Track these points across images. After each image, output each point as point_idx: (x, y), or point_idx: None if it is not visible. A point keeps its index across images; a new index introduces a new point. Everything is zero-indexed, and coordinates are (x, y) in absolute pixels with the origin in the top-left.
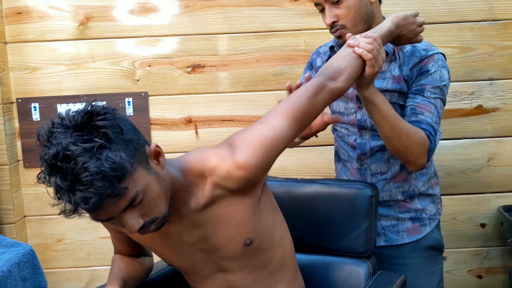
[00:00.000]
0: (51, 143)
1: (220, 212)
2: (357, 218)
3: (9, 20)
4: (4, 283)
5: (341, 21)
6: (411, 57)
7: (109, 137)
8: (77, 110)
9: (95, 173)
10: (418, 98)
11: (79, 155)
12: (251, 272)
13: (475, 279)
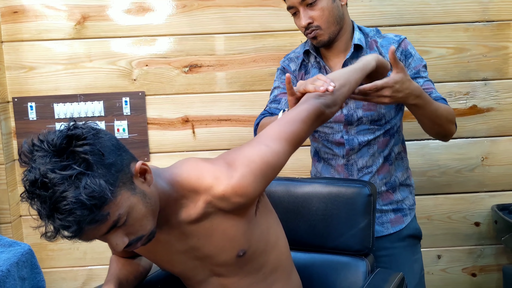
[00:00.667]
0: (31, 167)
1: (212, 227)
2: (356, 217)
3: (5, 19)
4: (3, 282)
5: (316, 22)
6: (389, 44)
7: (89, 162)
8: (58, 132)
9: (73, 202)
10: (420, 81)
11: (57, 184)
12: (246, 276)
13: (469, 277)
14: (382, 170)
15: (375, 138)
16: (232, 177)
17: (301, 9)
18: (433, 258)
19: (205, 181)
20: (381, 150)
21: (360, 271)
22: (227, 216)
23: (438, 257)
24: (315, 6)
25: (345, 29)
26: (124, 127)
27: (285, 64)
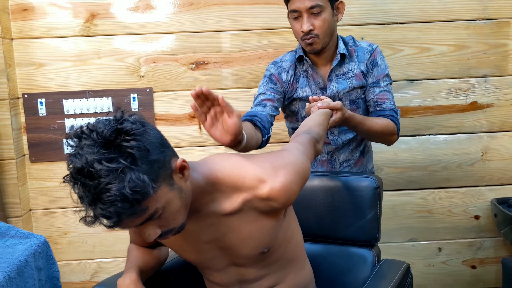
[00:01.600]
0: (78, 153)
1: (241, 224)
2: (363, 209)
3: (15, 17)
4: (22, 272)
5: (316, 31)
6: (363, 54)
7: (134, 157)
8: (107, 123)
9: (116, 195)
10: (376, 90)
11: (103, 175)
12: (264, 268)
13: (469, 269)
14: (359, 162)
15: (354, 136)
16: (279, 181)
17: (305, 15)
18: (434, 250)
19: (249, 181)
20: (358, 145)
21: (367, 260)
22: (258, 216)
23: (439, 249)
24: (319, 16)
25: (333, 41)
26: None
27: (276, 71)
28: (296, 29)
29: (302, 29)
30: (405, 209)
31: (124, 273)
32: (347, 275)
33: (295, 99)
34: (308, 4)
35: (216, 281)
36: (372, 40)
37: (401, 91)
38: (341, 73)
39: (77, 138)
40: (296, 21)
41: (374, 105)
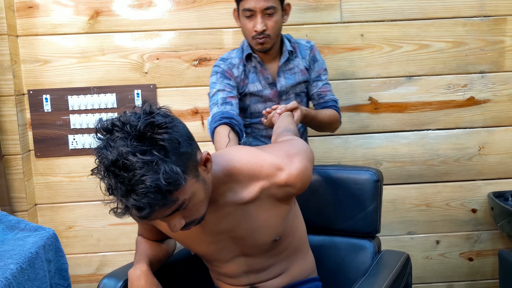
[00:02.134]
0: (110, 146)
1: (257, 212)
2: (364, 201)
3: (20, 14)
4: (33, 264)
5: (268, 31)
6: (304, 50)
7: (166, 150)
8: (138, 116)
9: (151, 186)
10: (319, 84)
11: (138, 167)
12: (272, 257)
13: (466, 262)
14: None
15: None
16: (295, 168)
17: (259, 16)
18: (432, 243)
19: (267, 169)
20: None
21: (368, 251)
22: (274, 203)
23: (437, 242)
24: (272, 17)
25: (279, 40)
26: None
27: (228, 67)
28: (247, 28)
29: (255, 28)
30: (404, 202)
31: (135, 264)
32: (349, 265)
33: (246, 94)
34: (264, 5)
35: (224, 272)
36: (372, 37)
37: (400, 87)
38: (288, 69)
39: (108, 131)
40: (248, 19)
41: (318, 98)
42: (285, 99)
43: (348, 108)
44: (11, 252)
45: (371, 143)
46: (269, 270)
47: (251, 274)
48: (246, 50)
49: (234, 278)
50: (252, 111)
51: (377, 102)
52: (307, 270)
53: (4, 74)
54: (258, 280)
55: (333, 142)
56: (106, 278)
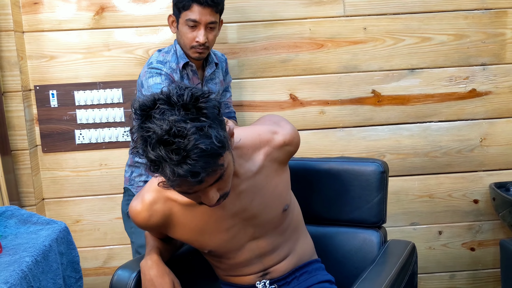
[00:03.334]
0: (156, 118)
1: (267, 180)
2: (370, 192)
3: (25, 10)
4: (47, 256)
5: (208, 43)
6: (221, 62)
7: (210, 117)
8: (179, 90)
9: (207, 149)
10: (227, 94)
11: (192, 133)
12: (280, 235)
13: (468, 252)
14: None
15: None
16: (286, 128)
17: (202, 28)
18: (435, 234)
19: (265, 135)
20: None
21: (374, 241)
22: (278, 169)
23: (439, 233)
24: (213, 31)
25: None
26: None
27: (169, 72)
28: (188, 37)
29: (198, 39)
30: (407, 194)
31: (146, 256)
32: (356, 255)
33: None
34: (209, 19)
35: (237, 263)
36: (374, 31)
37: (402, 80)
38: (211, 79)
39: (150, 107)
40: (191, 29)
41: (224, 107)
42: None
43: (351, 101)
44: (25, 245)
45: (374, 135)
46: (277, 251)
47: (263, 258)
48: (182, 57)
49: (247, 266)
50: None
51: (380, 95)
52: (309, 252)
53: (11, 70)
54: (269, 264)
55: (336, 135)
56: (120, 270)
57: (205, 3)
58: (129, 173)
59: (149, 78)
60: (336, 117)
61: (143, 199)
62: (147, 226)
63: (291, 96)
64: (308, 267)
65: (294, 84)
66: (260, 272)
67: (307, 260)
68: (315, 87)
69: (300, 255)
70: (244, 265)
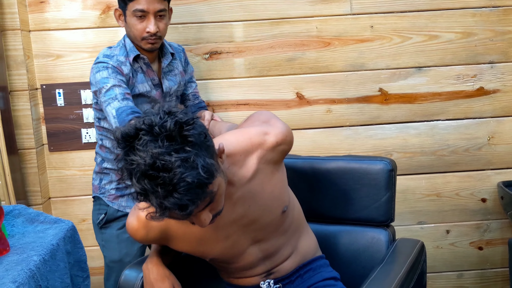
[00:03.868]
0: (139, 150)
1: (263, 184)
2: (379, 191)
3: (32, 9)
4: (54, 255)
5: (160, 33)
6: (178, 53)
7: (197, 145)
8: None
9: (193, 182)
10: (193, 85)
11: (176, 166)
12: (281, 235)
13: (476, 251)
14: None
15: None
16: (277, 127)
17: (152, 17)
18: (442, 233)
19: (256, 138)
20: None
21: (382, 240)
22: (273, 171)
23: (447, 232)
24: (163, 20)
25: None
26: None
27: (116, 64)
28: (138, 29)
29: (149, 29)
30: (415, 193)
31: (148, 258)
32: (364, 254)
33: (135, 95)
34: (158, 7)
35: (241, 266)
36: (381, 29)
37: (410, 78)
38: (170, 71)
39: (132, 137)
40: (139, 20)
41: (193, 98)
42: (169, 101)
43: (358, 99)
44: (32, 244)
45: (381, 134)
46: (281, 252)
47: (266, 260)
48: (132, 50)
49: (251, 269)
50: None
51: (387, 93)
52: (313, 248)
53: (17, 69)
54: (273, 264)
55: (343, 133)
56: (127, 270)
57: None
58: (97, 180)
59: (96, 73)
60: (342, 116)
61: (138, 216)
62: (147, 241)
63: (298, 94)
64: (312, 264)
65: (301, 82)
66: (264, 273)
67: (311, 257)
68: (321, 86)
69: (303, 253)
70: (248, 268)
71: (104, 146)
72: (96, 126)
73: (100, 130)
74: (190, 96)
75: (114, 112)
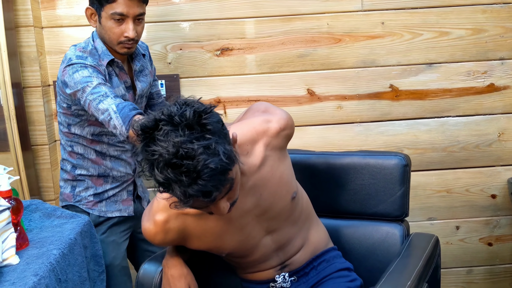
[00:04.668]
0: (160, 141)
1: (271, 174)
2: (393, 185)
3: (44, 6)
4: (72, 249)
5: (137, 37)
6: (144, 51)
7: (215, 132)
8: (180, 107)
9: (216, 168)
10: (157, 83)
11: (199, 154)
12: (293, 225)
13: (486, 247)
14: None
15: None
16: (278, 114)
17: (130, 21)
18: (452, 229)
19: (260, 128)
20: None
21: (397, 235)
22: (280, 157)
23: (457, 228)
24: (141, 23)
25: None
26: None
27: (94, 64)
28: (115, 32)
29: (127, 34)
30: (425, 189)
31: (167, 254)
32: (379, 248)
33: None
34: (137, 11)
35: (255, 259)
36: (392, 25)
37: (420, 74)
38: (140, 71)
39: (152, 128)
40: (117, 23)
41: (157, 97)
42: (140, 102)
43: (369, 95)
44: (51, 238)
45: (392, 130)
46: (292, 242)
47: (279, 251)
48: (106, 54)
49: (265, 262)
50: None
51: (398, 90)
52: (324, 240)
53: (31, 65)
54: (286, 256)
55: (354, 130)
56: (146, 264)
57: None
58: (68, 189)
59: (73, 74)
60: (353, 112)
61: (155, 221)
62: (165, 244)
63: (309, 91)
64: (325, 255)
65: (312, 79)
66: (278, 265)
67: (323, 249)
68: (332, 82)
69: (315, 244)
70: (262, 261)
71: (75, 153)
72: (64, 132)
73: (70, 137)
74: (154, 95)
75: (114, 108)
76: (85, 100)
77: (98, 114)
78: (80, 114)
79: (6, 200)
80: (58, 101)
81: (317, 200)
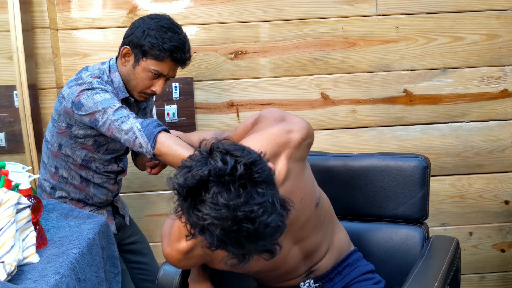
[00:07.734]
0: (211, 203)
1: (296, 185)
2: (414, 188)
3: (59, 8)
4: (90, 249)
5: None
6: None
7: (268, 183)
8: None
9: (277, 227)
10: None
11: (260, 215)
12: (318, 231)
13: (498, 253)
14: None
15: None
16: (297, 123)
17: (163, 80)
18: (465, 235)
19: (281, 140)
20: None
21: (417, 237)
22: (302, 166)
23: (470, 234)
24: (167, 81)
25: None
26: (174, 111)
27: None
28: (145, 83)
29: (155, 89)
30: (439, 194)
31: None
32: (400, 251)
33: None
34: (173, 74)
35: (285, 271)
36: (407, 30)
37: (434, 79)
38: (143, 109)
39: (199, 189)
40: (151, 77)
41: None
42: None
43: (383, 100)
44: (69, 238)
45: (406, 135)
46: (320, 248)
47: (306, 259)
48: (122, 90)
49: (294, 271)
50: (110, 147)
51: (412, 94)
52: (347, 243)
53: (46, 67)
54: (313, 263)
55: (368, 134)
56: (166, 265)
57: (180, 61)
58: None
59: (94, 96)
60: (367, 116)
61: (178, 249)
62: (189, 267)
63: (323, 94)
64: (348, 259)
65: (326, 82)
66: (304, 273)
67: (347, 252)
68: (346, 86)
69: (339, 247)
70: (290, 272)
71: (58, 175)
72: (52, 151)
73: (58, 157)
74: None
75: (138, 126)
76: (105, 121)
77: (121, 134)
78: (77, 136)
79: (26, 198)
80: (55, 119)
81: (335, 202)
